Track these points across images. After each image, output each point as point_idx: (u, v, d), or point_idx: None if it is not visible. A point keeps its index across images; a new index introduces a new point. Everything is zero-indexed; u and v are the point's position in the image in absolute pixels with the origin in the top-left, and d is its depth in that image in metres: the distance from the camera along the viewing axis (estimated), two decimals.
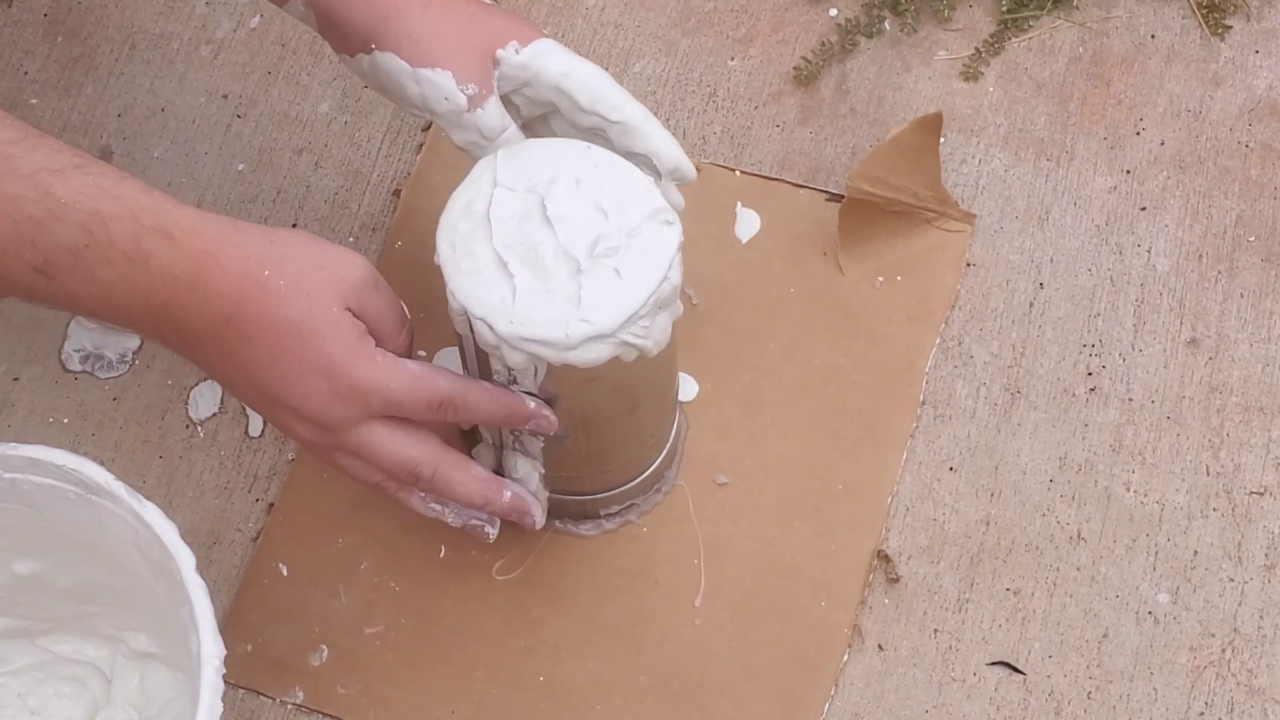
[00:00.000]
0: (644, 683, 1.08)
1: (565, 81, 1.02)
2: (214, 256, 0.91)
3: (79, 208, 0.88)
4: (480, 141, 1.01)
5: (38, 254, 0.88)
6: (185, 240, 0.90)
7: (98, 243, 0.88)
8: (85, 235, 0.88)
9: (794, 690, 1.07)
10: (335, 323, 0.93)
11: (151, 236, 0.89)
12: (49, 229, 0.87)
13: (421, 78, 1.00)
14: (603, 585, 1.10)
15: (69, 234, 0.88)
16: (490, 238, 0.94)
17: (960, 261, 1.18)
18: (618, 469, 1.08)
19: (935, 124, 1.15)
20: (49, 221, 0.87)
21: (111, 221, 0.88)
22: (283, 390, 0.93)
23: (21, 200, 0.87)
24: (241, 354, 0.93)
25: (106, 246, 0.88)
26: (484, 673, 1.08)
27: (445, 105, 1.00)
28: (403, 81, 1.00)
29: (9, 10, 1.30)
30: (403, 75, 1.00)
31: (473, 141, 1.01)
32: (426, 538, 1.12)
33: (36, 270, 0.88)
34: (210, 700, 0.89)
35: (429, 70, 0.99)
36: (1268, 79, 1.23)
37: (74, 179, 0.88)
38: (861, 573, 1.09)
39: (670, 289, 0.95)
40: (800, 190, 1.21)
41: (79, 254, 0.88)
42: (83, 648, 1.05)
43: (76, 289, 0.89)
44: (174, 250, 0.90)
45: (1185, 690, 1.06)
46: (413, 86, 1.00)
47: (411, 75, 1.00)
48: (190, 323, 0.91)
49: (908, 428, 1.13)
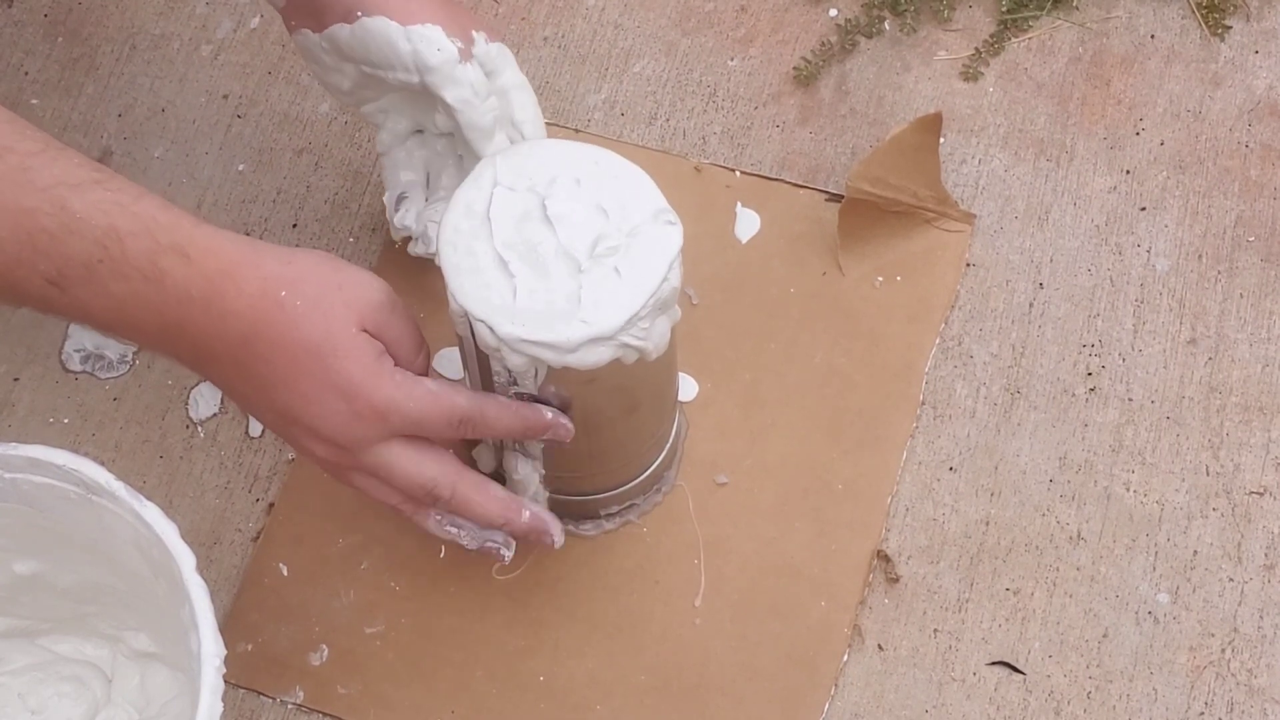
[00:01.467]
0: (644, 683, 1.08)
1: (516, 94, 1.05)
2: (230, 276, 0.91)
3: (95, 222, 0.88)
4: (473, 99, 1.03)
5: (51, 266, 0.88)
6: (201, 259, 0.90)
7: (112, 258, 0.88)
8: (100, 250, 0.88)
9: (794, 690, 1.07)
10: (353, 343, 0.93)
11: (167, 255, 0.89)
12: (63, 242, 0.87)
13: (413, 33, 1.01)
14: (603, 585, 1.10)
15: (84, 248, 0.88)
16: (491, 238, 0.94)
17: (960, 261, 1.18)
18: (618, 469, 1.08)
19: (935, 124, 1.15)
20: (63, 235, 0.87)
21: (127, 238, 0.88)
22: (300, 410, 0.93)
23: (37, 213, 0.87)
24: (258, 374, 0.93)
25: (121, 262, 0.88)
26: (484, 673, 1.08)
27: (438, 57, 1.01)
28: (393, 40, 1.01)
29: (9, 10, 1.30)
30: (393, 34, 1.01)
31: (466, 99, 1.02)
32: (426, 538, 1.11)
33: (50, 282, 0.88)
34: (210, 700, 0.89)
35: (419, 25, 1.01)
36: (1267, 79, 1.23)
37: (92, 194, 0.88)
38: (861, 573, 1.09)
39: (670, 290, 0.95)
40: (800, 190, 1.21)
41: (93, 268, 0.88)
42: (83, 647, 1.05)
43: (89, 302, 0.89)
44: (189, 269, 0.90)
45: (1185, 690, 1.06)
46: (404, 44, 1.01)
47: (403, 33, 1.01)
48: (205, 341, 0.92)
49: (908, 428, 1.13)
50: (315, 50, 1.06)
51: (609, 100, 1.25)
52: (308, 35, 1.06)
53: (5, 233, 0.86)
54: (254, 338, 0.91)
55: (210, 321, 0.91)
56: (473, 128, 1.04)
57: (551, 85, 1.25)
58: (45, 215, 0.87)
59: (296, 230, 1.21)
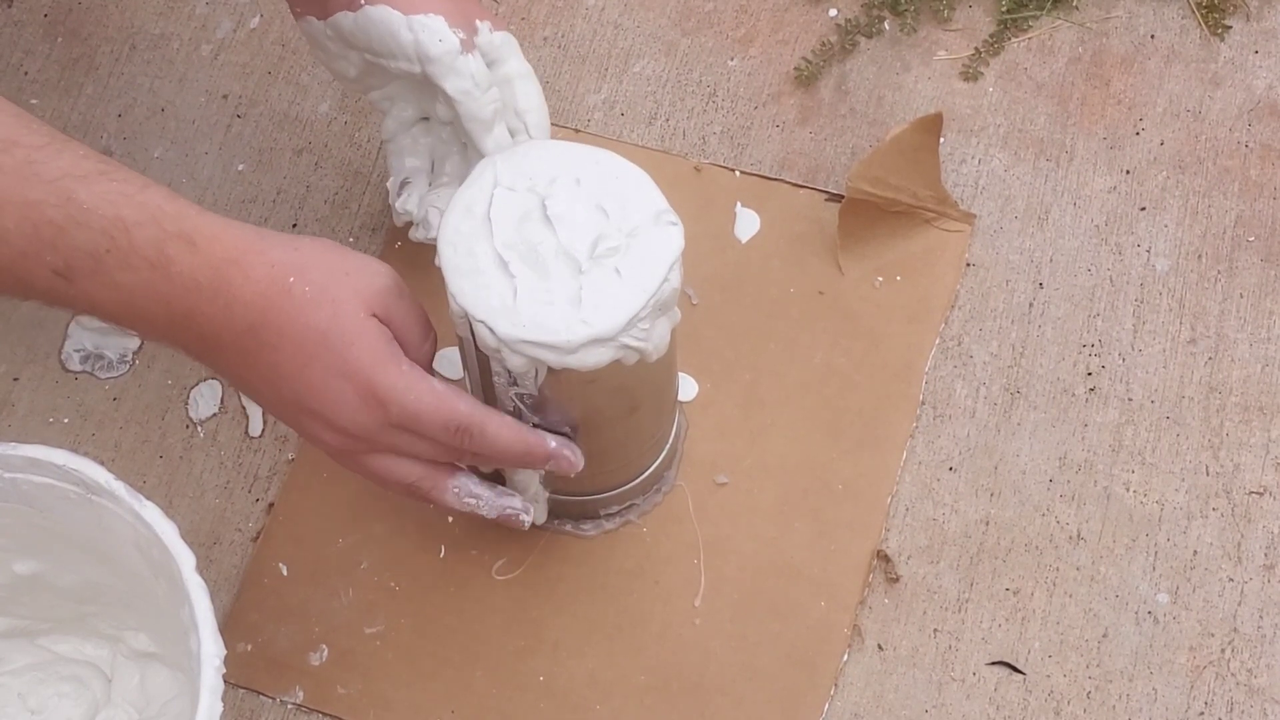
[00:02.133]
0: (644, 683, 1.08)
1: (520, 84, 1.05)
2: (237, 264, 0.90)
3: (101, 213, 0.88)
4: (473, 91, 1.03)
5: (58, 258, 0.88)
6: (208, 247, 0.90)
7: (119, 248, 0.88)
8: (107, 240, 0.88)
9: (794, 690, 1.07)
10: (362, 329, 0.92)
11: (174, 242, 0.89)
12: (70, 234, 0.87)
13: (415, 23, 1.01)
14: (603, 585, 1.10)
15: (90, 239, 0.88)
16: (491, 238, 0.94)
17: (960, 261, 1.18)
18: (618, 469, 1.08)
19: (935, 124, 1.15)
20: (70, 226, 0.87)
21: (134, 227, 0.88)
22: (310, 399, 0.93)
23: (43, 205, 0.87)
24: (266, 362, 0.92)
25: (128, 252, 0.88)
26: (484, 673, 1.08)
27: (439, 48, 1.02)
28: (395, 30, 1.02)
29: (9, 10, 1.30)
30: (395, 23, 1.02)
31: (466, 90, 1.03)
32: (426, 538, 1.12)
33: (57, 274, 0.88)
34: (210, 700, 0.89)
35: (422, 15, 1.01)
36: (1267, 79, 1.23)
37: (98, 185, 0.88)
38: (861, 573, 1.09)
39: (671, 291, 0.95)
40: (800, 190, 1.21)
41: (100, 259, 0.88)
42: (83, 647, 1.05)
43: (97, 293, 0.89)
44: (196, 257, 0.90)
45: (1185, 690, 1.06)
46: (405, 34, 1.02)
47: (404, 22, 1.01)
48: (213, 330, 0.91)
49: (907, 428, 1.13)
50: (320, 37, 1.06)
51: (609, 100, 1.25)
52: (312, 22, 1.06)
53: (11, 225, 0.86)
54: (262, 325, 0.91)
55: (217, 310, 0.90)
56: (472, 119, 1.04)
57: (551, 85, 1.25)
58: (52, 207, 0.87)
59: (296, 230, 1.21)
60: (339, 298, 0.92)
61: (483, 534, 1.11)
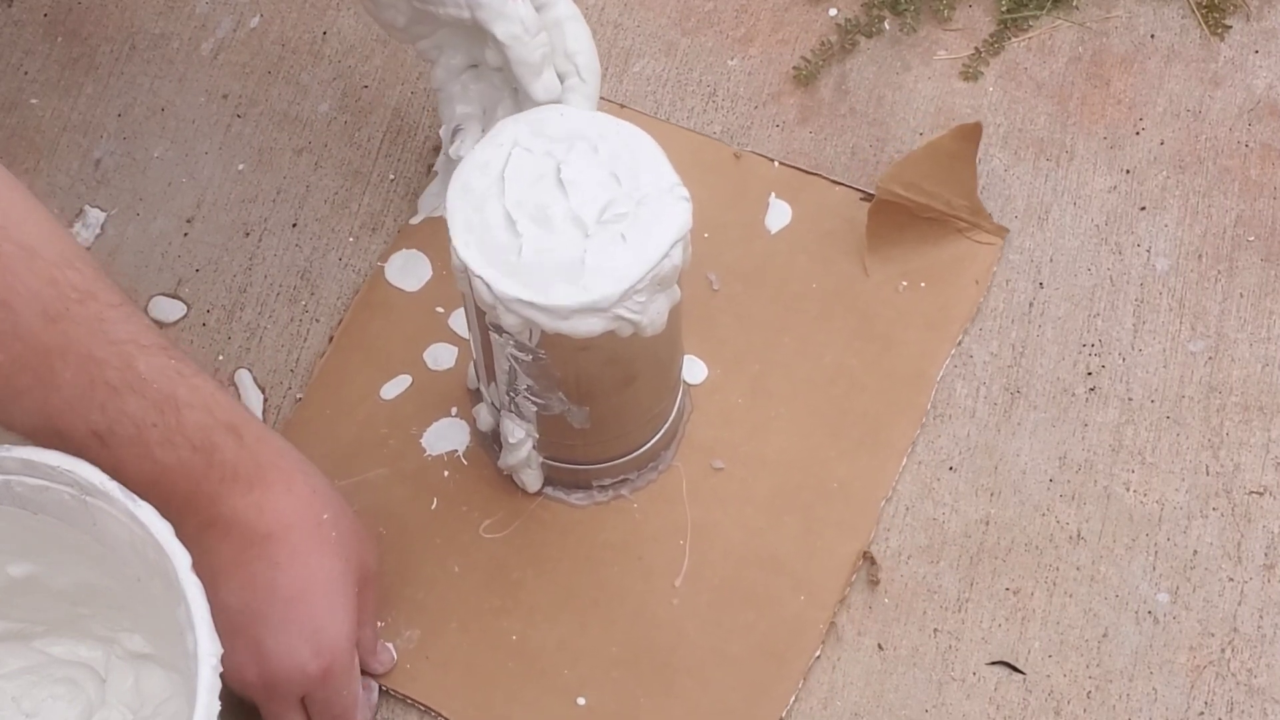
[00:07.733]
0: (614, 654, 1.07)
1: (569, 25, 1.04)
2: (281, 471, 0.93)
3: (157, 387, 0.88)
4: (523, 36, 1.02)
5: (104, 420, 0.88)
6: (255, 445, 0.92)
7: (166, 424, 0.89)
8: (156, 414, 0.88)
9: (761, 681, 1.06)
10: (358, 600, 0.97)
11: (222, 431, 0.90)
12: (123, 399, 0.87)
13: None
14: (586, 555, 1.10)
15: (141, 409, 0.88)
16: (502, 196, 0.95)
17: (987, 274, 1.17)
18: (612, 441, 1.08)
19: (975, 133, 1.15)
20: (125, 392, 0.87)
21: (185, 408, 0.89)
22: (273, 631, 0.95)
23: (106, 366, 0.87)
24: (263, 575, 0.94)
25: (174, 431, 0.89)
26: (458, 625, 1.08)
27: None
28: None
29: (9, 10, 1.30)
30: None
31: (515, 35, 1.02)
32: (420, 488, 1.11)
33: (95, 434, 0.88)
34: (208, 699, 0.89)
35: None
36: (1267, 79, 1.23)
37: (157, 358, 0.88)
38: (844, 573, 1.09)
39: (671, 268, 0.95)
40: (836, 187, 1.20)
41: (144, 430, 0.88)
42: (77, 649, 1.05)
43: (130, 462, 0.89)
44: (241, 450, 0.91)
45: (1185, 690, 1.06)
46: None
47: None
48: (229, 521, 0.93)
49: (910, 435, 1.13)
50: None
51: (609, 100, 1.25)
52: None
53: (70, 376, 0.86)
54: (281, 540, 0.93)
55: (247, 506, 0.92)
56: (522, 63, 1.03)
57: None
58: (113, 370, 0.87)
59: (296, 230, 1.21)
60: (352, 559, 0.96)
61: (477, 490, 1.11)
